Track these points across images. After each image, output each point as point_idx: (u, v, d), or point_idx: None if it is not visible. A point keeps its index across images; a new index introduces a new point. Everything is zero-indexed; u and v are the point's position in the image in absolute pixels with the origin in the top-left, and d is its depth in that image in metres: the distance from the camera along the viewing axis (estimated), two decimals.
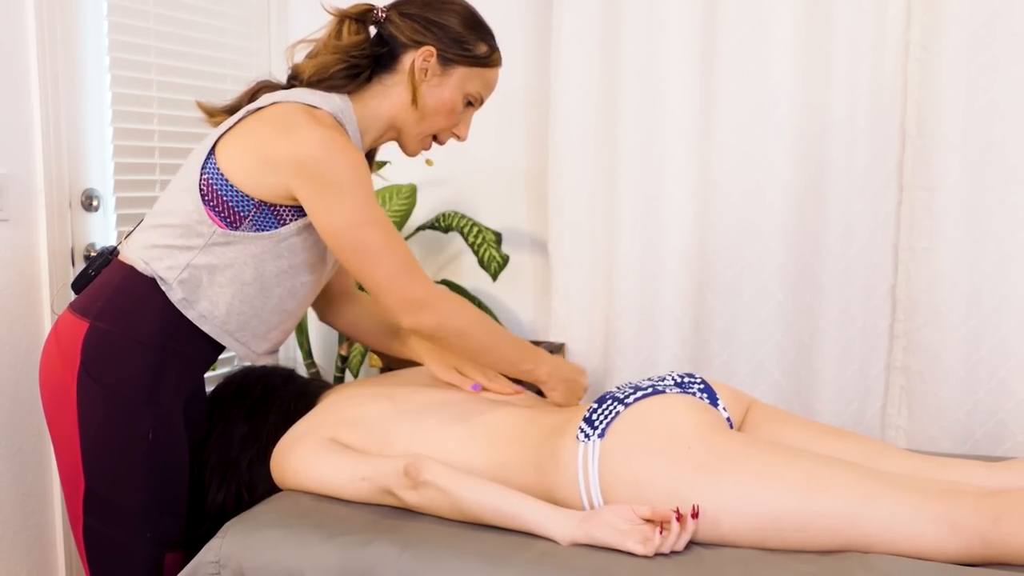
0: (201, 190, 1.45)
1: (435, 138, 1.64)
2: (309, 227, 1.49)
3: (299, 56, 1.59)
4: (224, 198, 1.45)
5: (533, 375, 1.58)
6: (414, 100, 1.55)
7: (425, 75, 1.54)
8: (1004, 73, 2.00)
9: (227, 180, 1.44)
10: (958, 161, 2.04)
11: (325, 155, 1.40)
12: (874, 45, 2.10)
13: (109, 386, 1.44)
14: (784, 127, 2.18)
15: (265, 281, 1.50)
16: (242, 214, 1.45)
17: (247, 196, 1.44)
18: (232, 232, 1.45)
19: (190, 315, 1.47)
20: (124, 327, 1.46)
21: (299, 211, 1.48)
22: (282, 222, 1.47)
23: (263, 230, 1.46)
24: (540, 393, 1.73)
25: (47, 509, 1.91)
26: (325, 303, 1.80)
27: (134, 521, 1.48)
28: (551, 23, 2.34)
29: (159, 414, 1.48)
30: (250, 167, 1.44)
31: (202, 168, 1.47)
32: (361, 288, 1.88)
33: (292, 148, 1.41)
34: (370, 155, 1.70)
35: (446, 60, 1.54)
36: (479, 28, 1.58)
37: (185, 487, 1.55)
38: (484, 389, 1.66)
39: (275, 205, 1.46)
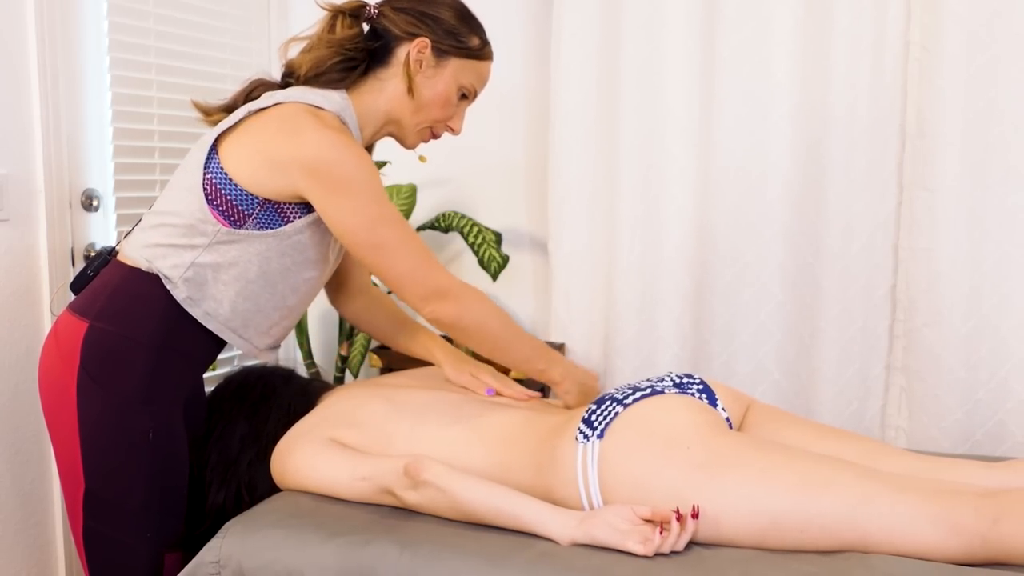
0: (204, 189, 1.46)
1: (431, 132, 1.64)
2: (313, 224, 1.49)
3: (292, 53, 1.60)
4: (228, 197, 1.45)
5: (546, 375, 1.59)
6: (410, 90, 1.56)
7: (420, 66, 1.55)
8: (1004, 73, 2.00)
9: (231, 180, 1.45)
10: (958, 161, 2.04)
11: (334, 156, 1.41)
12: (874, 45, 2.11)
13: (108, 386, 1.45)
14: (784, 127, 2.18)
15: (270, 278, 1.50)
16: (246, 212, 1.45)
17: (251, 195, 1.45)
18: (236, 230, 1.46)
19: (195, 313, 1.48)
20: (123, 327, 1.46)
21: (303, 208, 1.48)
22: (286, 220, 1.47)
23: (267, 228, 1.47)
24: (543, 392, 1.73)
25: (47, 509, 1.91)
26: (336, 291, 1.82)
27: (133, 521, 1.48)
28: (551, 23, 2.34)
29: (158, 414, 1.48)
30: (256, 168, 1.44)
31: (205, 167, 1.47)
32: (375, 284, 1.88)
33: (299, 150, 1.41)
34: (368, 150, 1.70)
35: (440, 51, 1.55)
36: (471, 21, 1.60)
37: (185, 487, 1.55)
38: (498, 394, 1.66)
39: (279, 203, 1.46)
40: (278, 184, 1.44)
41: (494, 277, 2.33)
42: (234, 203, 1.45)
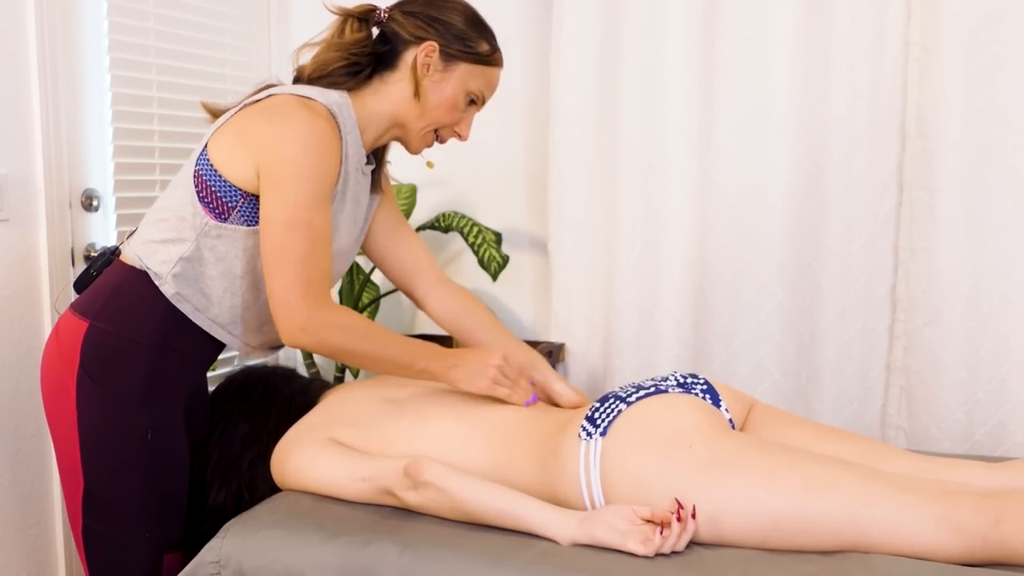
0: (194, 181, 1.46)
1: (436, 136, 1.64)
2: None
3: (304, 60, 1.60)
4: (213, 188, 1.45)
5: (428, 372, 1.54)
6: (416, 94, 1.55)
7: (427, 70, 1.55)
8: (1004, 73, 2.00)
9: (215, 170, 1.45)
10: (958, 161, 2.04)
11: (298, 147, 1.41)
12: (874, 45, 2.11)
13: (108, 386, 1.45)
14: (784, 127, 2.18)
15: (256, 275, 1.50)
16: (229, 205, 1.46)
17: (234, 187, 1.45)
18: (223, 225, 1.46)
19: (184, 309, 1.48)
20: (123, 327, 1.46)
21: None
22: None
23: (252, 224, 1.47)
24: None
25: (47, 510, 1.91)
26: (413, 291, 1.76)
27: (133, 522, 1.48)
28: (551, 24, 2.35)
29: (158, 414, 1.48)
30: (233, 151, 1.45)
31: (196, 161, 1.48)
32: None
33: (272, 134, 1.42)
34: (377, 154, 1.70)
35: (448, 56, 1.55)
36: (481, 27, 1.59)
37: (185, 487, 1.55)
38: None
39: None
40: (248, 167, 1.44)
41: (494, 277, 2.33)
42: (218, 195, 1.45)
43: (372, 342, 1.49)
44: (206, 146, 1.48)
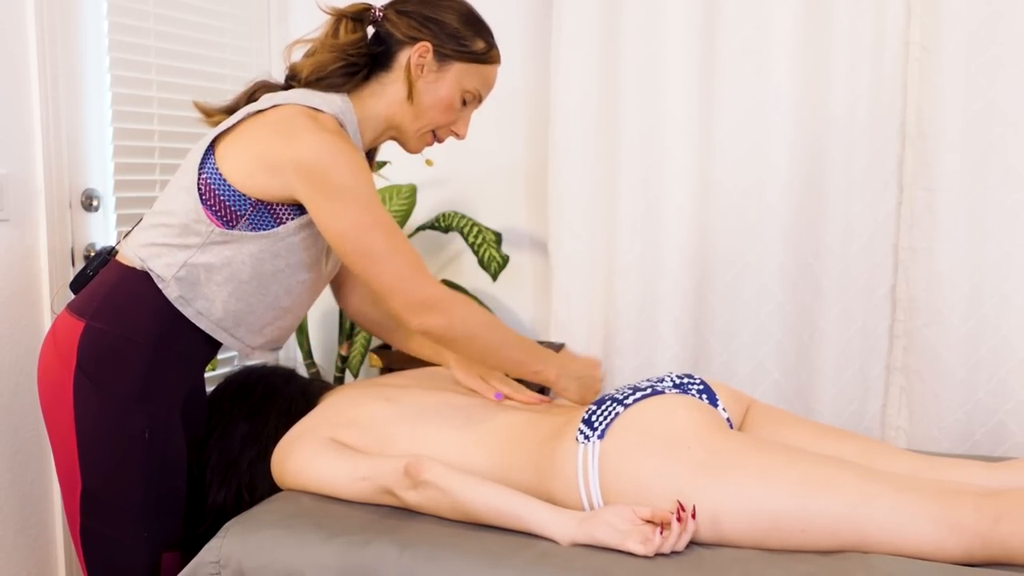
0: (199, 190, 1.46)
1: (434, 136, 1.63)
2: (306, 226, 1.49)
3: (296, 56, 1.59)
4: (221, 198, 1.45)
5: (542, 376, 1.57)
6: (410, 96, 1.55)
7: (421, 71, 1.54)
8: (1004, 73, 2.00)
9: (225, 181, 1.45)
10: (958, 161, 2.04)
11: (328, 160, 1.40)
12: (874, 45, 2.11)
13: (105, 386, 1.45)
14: (784, 127, 2.18)
15: (262, 279, 1.50)
16: (238, 213, 1.45)
17: (244, 196, 1.45)
18: (229, 231, 1.46)
19: (187, 312, 1.48)
20: (120, 326, 1.46)
21: (296, 210, 1.48)
22: (279, 221, 1.47)
23: (260, 229, 1.47)
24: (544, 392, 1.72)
25: (47, 510, 1.91)
26: (338, 287, 1.81)
27: (131, 521, 1.48)
28: (551, 23, 2.35)
29: (155, 413, 1.48)
30: (251, 170, 1.44)
31: (200, 168, 1.47)
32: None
33: (295, 153, 1.41)
34: (370, 154, 1.70)
35: (442, 56, 1.54)
36: (476, 24, 1.57)
37: (183, 486, 1.55)
38: (507, 398, 1.65)
39: (272, 204, 1.46)
40: (273, 186, 1.44)
41: (494, 277, 2.33)
42: (227, 203, 1.45)
43: (496, 331, 1.52)
44: (213, 154, 1.47)
